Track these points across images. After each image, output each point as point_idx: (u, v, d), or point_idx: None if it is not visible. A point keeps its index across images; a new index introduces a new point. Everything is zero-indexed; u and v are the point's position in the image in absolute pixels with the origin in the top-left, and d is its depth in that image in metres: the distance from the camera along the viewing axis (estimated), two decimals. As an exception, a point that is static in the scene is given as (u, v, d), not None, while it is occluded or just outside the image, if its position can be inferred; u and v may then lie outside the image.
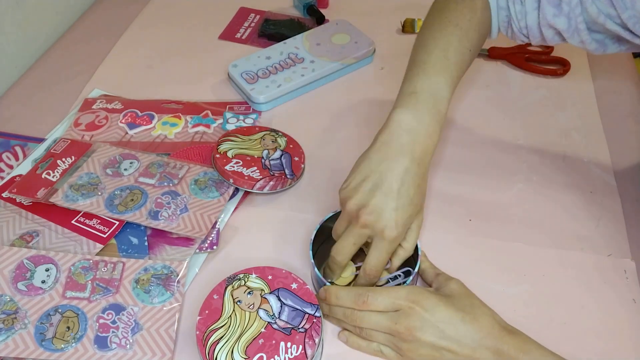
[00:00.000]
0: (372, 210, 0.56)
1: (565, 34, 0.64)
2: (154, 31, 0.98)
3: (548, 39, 0.66)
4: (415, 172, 0.57)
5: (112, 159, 0.73)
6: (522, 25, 0.66)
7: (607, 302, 0.61)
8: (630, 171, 0.74)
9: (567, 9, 0.63)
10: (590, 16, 0.62)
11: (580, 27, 0.63)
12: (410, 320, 0.53)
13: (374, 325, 0.55)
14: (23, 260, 0.62)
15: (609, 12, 0.61)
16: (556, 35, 0.66)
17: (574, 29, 0.64)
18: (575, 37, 0.64)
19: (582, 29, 0.63)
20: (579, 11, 0.62)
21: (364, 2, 1.03)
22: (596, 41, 0.65)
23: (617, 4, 0.60)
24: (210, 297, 0.58)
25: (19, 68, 0.91)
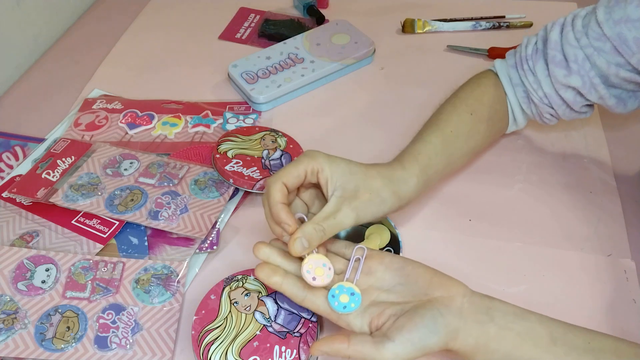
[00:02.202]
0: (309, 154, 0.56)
1: (582, 90, 0.64)
2: (154, 31, 0.98)
3: (570, 101, 0.66)
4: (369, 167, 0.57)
5: (112, 159, 0.73)
6: (541, 95, 0.67)
7: (607, 302, 0.61)
8: (630, 171, 0.74)
9: (575, 67, 0.63)
10: (600, 69, 0.62)
11: (595, 81, 0.63)
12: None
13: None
14: (23, 260, 0.62)
15: (617, 61, 0.61)
16: (577, 96, 0.65)
17: (589, 85, 0.64)
18: (593, 92, 0.64)
19: (597, 83, 0.63)
20: (589, 67, 0.62)
21: (364, 2, 1.03)
22: (615, 97, 0.65)
23: (622, 50, 0.60)
24: (208, 297, 0.58)
25: (19, 68, 0.91)
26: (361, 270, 0.53)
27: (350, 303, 0.51)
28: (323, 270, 0.52)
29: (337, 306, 0.51)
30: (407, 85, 0.86)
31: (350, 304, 0.51)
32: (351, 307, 0.51)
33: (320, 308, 0.52)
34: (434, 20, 0.96)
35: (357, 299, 0.51)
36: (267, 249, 0.54)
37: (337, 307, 0.51)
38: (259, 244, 0.54)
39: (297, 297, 0.53)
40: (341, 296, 0.51)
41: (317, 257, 0.53)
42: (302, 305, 0.53)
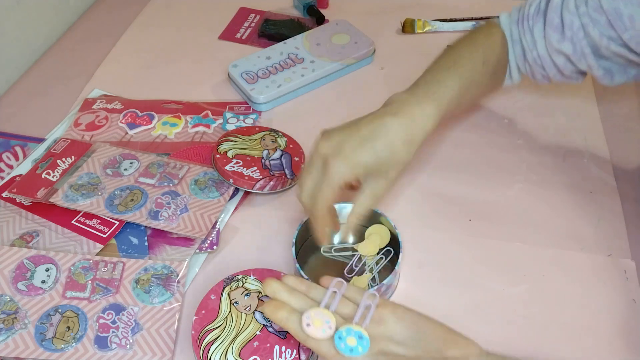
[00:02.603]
0: (329, 141, 0.56)
1: (572, 57, 0.65)
2: (154, 31, 0.98)
3: (561, 66, 0.67)
4: (393, 131, 0.56)
5: (112, 159, 0.73)
6: (535, 55, 0.67)
7: (607, 302, 0.61)
8: (630, 171, 0.74)
9: (569, 33, 0.64)
10: (593, 40, 0.63)
11: (586, 51, 0.64)
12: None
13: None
14: (23, 260, 0.62)
15: (610, 35, 0.62)
16: (567, 62, 0.66)
17: (580, 54, 0.64)
18: (583, 61, 0.65)
19: (587, 53, 0.64)
20: (582, 35, 0.63)
21: (364, 2, 1.03)
22: (603, 68, 0.65)
23: (616, 24, 0.60)
24: (208, 297, 0.58)
25: (19, 68, 0.91)
26: (372, 317, 0.49)
27: (358, 347, 0.47)
28: (321, 323, 0.49)
29: (343, 348, 0.47)
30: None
31: (357, 348, 0.47)
32: (358, 351, 0.47)
33: (323, 349, 0.49)
34: (434, 20, 0.96)
35: (366, 344, 0.48)
36: (275, 285, 0.52)
37: (344, 350, 0.47)
38: (269, 280, 0.52)
39: (299, 335, 0.49)
40: (348, 339, 0.48)
41: (323, 312, 0.50)
42: (305, 345, 0.50)
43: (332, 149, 0.56)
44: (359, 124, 0.57)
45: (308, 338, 0.49)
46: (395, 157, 0.56)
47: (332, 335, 0.48)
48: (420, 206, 0.70)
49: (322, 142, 0.57)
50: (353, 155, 0.55)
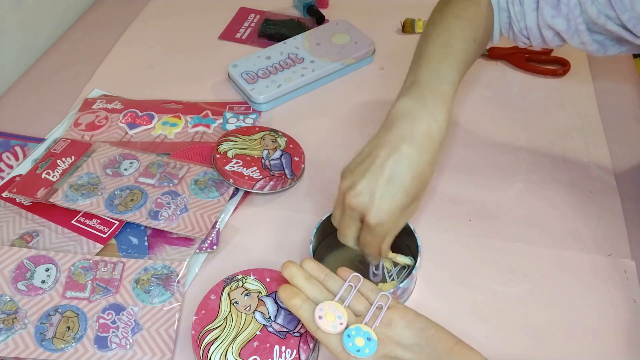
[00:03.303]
0: (358, 193, 0.54)
1: (564, 34, 0.64)
2: (153, 31, 0.98)
3: (548, 40, 0.66)
4: (415, 160, 0.54)
5: (112, 159, 0.73)
6: (522, 27, 0.66)
7: (607, 302, 0.61)
8: (630, 171, 0.74)
9: (565, 10, 0.62)
10: (589, 17, 0.62)
11: (580, 27, 0.63)
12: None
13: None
14: (23, 260, 0.62)
15: (608, 14, 0.61)
16: (556, 37, 0.65)
17: (573, 30, 0.64)
18: (576, 38, 0.64)
19: (582, 29, 0.63)
20: (578, 12, 0.62)
21: (364, 2, 1.03)
22: (597, 42, 0.65)
23: (616, 5, 0.60)
24: (208, 297, 0.58)
25: (19, 68, 0.91)
26: (382, 319, 0.50)
27: (365, 348, 0.48)
28: (333, 318, 0.50)
29: (350, 347, 0.48)
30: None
31: (364, 349, 0.48)
32: (365, 353, 0.48)
33: (331, 344, 0.49)
34: (434, 20, 0.96)
35: (373, 346, 0.48)
36: (294, 270, 0.53)
37: (351, 349, 0.48)
38: (288, 263, 0.53)
39: (310, 326, 0.50)
40: (357, 338, 0.48)
41: (337, 306, 0.50)
42: (314, 336, 0.51)
43: (364, 202, 0.54)
44: (378, 162, 0.55)
45: (318, 330, 0.50)
46: (423, 182, 0.56)
47: (341, 331, 0.49)
48: (420, 206, 0.70)
49: (350, 194, 0.55)
50: (387, 204, 0.54)
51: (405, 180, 0.54)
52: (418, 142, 0.55)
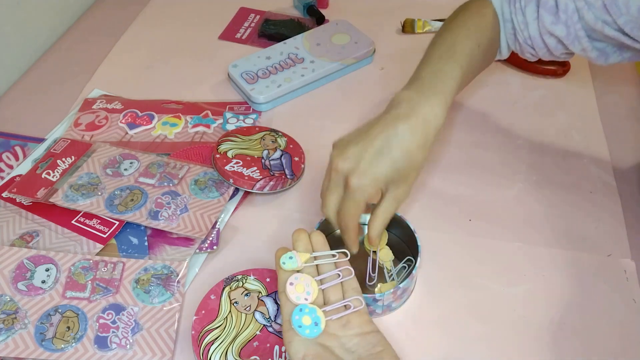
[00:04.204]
0: (345, 157, 0.56)
1: (565, 41, 0.65)
2: (154, 31, 0.98)
3: (552, 47, 0.67)
4: (407, 138, 0.56)
5: (112, 159, 0.73)
6: (526, 36, 0.67)
7: (607, 302, 0.61)
8: (630, 171, 0.74)
9: (564, 17, 0.63)
10: (587, 24, 0.63)
11: (580, 34, 0.64)
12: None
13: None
14: (23, 260, 0.62)
15: (605, 19, 0.61)
16: (559, 44, 0.66)
17: (573, 37, 0.64)
18: (576, 44, 0.65)
19: (581, 36, 0.64)
20: (577, 19, 0.63)
21: (364, 2, 1.03)
22: (597, 50, 0.65)
23: (612, 9, 0.60)
24: (208, 297, 0.58)
25: (19, 68, 0.91)
26: (341, 318, 0.51)
27: (307, 329, 0.49)
28: (302, 289, 0.51)
29: (295, 320, 0.49)
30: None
31: (305, 330, 0.49)
32: (304, 332, 0.49)
33: (284, 310, 0.51)
34: (434, 20, 0.96)
35: (316, 332, 0.49)
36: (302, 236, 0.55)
37: (295, 321, 0.49)
38: (300, 230, 0.55)
39: (280, 286, 0.52)
40: (305, 317, 0.49)
41: (312, 284, 0.51)
42: (278, 296, 0.52)
43: (350, 165, 0.56)
44: (372, 134, 0.56)
45: (283, 293, 0.51)
46: (413, 162, 0.56)
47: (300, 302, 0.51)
48: (420, 206, 0.70)
49: (338, 157, 0.57)
50: (372, 169, 0.55)
51: (394, 154, 0.55)
52: (413, 124, 0.56)
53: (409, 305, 0.61)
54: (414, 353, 0.57)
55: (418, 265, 0.59)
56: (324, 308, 0.51)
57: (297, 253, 0.53)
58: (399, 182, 0.57)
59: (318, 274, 0.53)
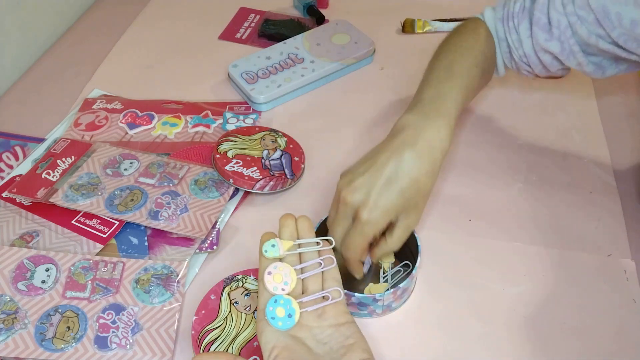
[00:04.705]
0: (355, 189, 0.55)
1: (560, 56, 0.65)
2: (154, 31, 0.98)
3: (547, 64, 0.67)
4: (415, 165, 0.55)
5: (112, 159, 0.73)
6: (521, 54, 0.67)
7: (607, 302, 0.61)
8: (630, 171, 0.74)
9: (557, 32, 0.64)
10: (581, 38, 0.63)
11: (575, 49, 0.64)
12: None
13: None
14: (23, 260, 0.62)
15: (598, 33, 0.62)
16: (554, 60, 0.67)
17: (568, 52, 0.65)
18: (572, 59, 0.65)
19: (576, 50, 0.64)
20: (570, 34, 0.63)
21: (364, 2, 1.03)
22: (593, 64, 0.66)
23: (605, 23, 0.60)
24: (208, 297, 0.58)
25: (19, 68, 0.91)
26: (318, 309, 0.50)
27: (279, 321, 0.48)
28: (280, 280, 0.50)
29: (269, 311, 0.49)
30: (407, 85, 0.86)
31: (278, 321, 0.48)
32: (277, 324, 0.48)
33: (260, 299, 0.50)
34: (434, 20, 0.96)
35: (289, 324, 0.49)
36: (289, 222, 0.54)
37: (268, 313, 0.49)
38: (288, 215, 0.54)
39: (259, 274, 0.51)
40: (279, 308, 0.49)
41: (291, 274, 0.51)
42: (257, 285, 0.51)
43: (359, 198, 0.55)
44: (379, 162, 0.56)
45: (261, 281, 0.51)
46: (422, 190, 0.56)
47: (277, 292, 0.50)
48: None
49: (346, 189, 0.56)
50: (382, 202, 0.55)
51: (404, 182, 0.55)
52: (420, 149, 0.56)
53: (409, 305, 0.61)
54: (413, 353, 0.57)
55: (418, 265, 0.59)
56: (302, 299, 0.50)
57: (280, 241, 0.52)
58: (409, 211, 0.56)
59: (300, 261, 0.53)
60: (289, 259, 0.52)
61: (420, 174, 0.56)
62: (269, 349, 0.47)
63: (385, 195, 0.55)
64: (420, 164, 0.55)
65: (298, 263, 0.52)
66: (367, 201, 0.55)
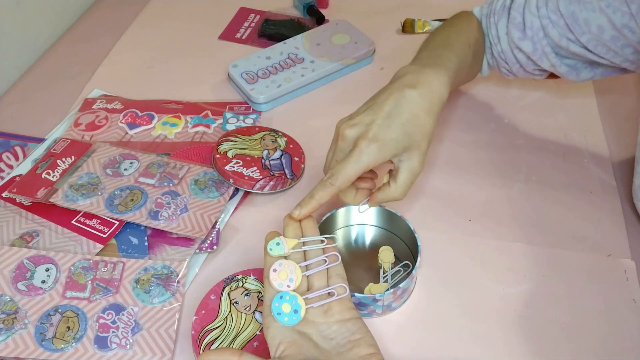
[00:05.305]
0: (354, 123, 0.56)
1: (532, 56, 0.67)
2: (154, 31, 0.98)
3: (523, 63, 0.68)
4: (415, 101, 0.56)
5: (112, 159, 0.73)
6: (499, 50, 0.69)
7: (607, 302, 0.61)
8: (630, 171, 0.74)
9: (530, 33, 0.65)
10: (553, 40, 0.65)
11: (547, 50, 0.66)
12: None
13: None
14: (23, 260, 0.62)
15: (569, 36, 0.64)
16: (529, 60, 0.68)
17: (540, 53, 0.66)
18: (544, 60, 0.67)
19: (548, 52, 0.66)
20: (542, 35, 0.65)
21: (364, 2, 1.03)
22: (567, 66, 0.67)
23: (574, 28, 0.62)
24: (208, 297, 0.58)
25: (19, 68, 0.91)
26: (324, 305, 0.50)
27: (285, 317, 0.49)
28: (286, 277, 0.51)
29: (275, 307, 0.49)
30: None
31: (284, 317, 0.49)
32: (283, 320, 0.49)
33: (266, 295, 0.50)
34: (434, 20, 0.96)
35: (295, 319, 0.49)
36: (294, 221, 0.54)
37: (274, 309, 0.49)
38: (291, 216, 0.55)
39: (265, 271, 0.52)
40: (285, 304, 0.49)
41: (296, 270, 0.51)
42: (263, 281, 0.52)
43: (358, 131, 0.55)
44: (379, 101, 0.57)
45: (266, 278, 0.51)
46: (422, 128, 0.56)
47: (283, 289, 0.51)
48: (420, 206, 0.70)
49: (345, 125, 0.56)
50: (382, 134, 0.55)
51: (403, 117, 0.55)
52: (420, 89, 0.57)
53: (409, 305, 0.61)
54: (413, 353, 0.57)
55: (418, 265, 0.59)
56: (307, 295, 0.50)
57: (285, 239, 0.53)
58: (411, 151, 0.56)
59: (305, 259, 0.53)
60: (293, 257, 0.53)
61: (420, 110, 0.56)
62: (275, 344, 0.48)
63: (385, 128, 0.55)
64: (420, 101, 0.56)
65: (303, 261, 0.53)
66: (367, 133, 0.55)
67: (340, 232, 0.67)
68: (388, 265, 0.62)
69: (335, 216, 0.64)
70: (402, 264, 0.62)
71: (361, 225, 0.67)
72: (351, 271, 0.63)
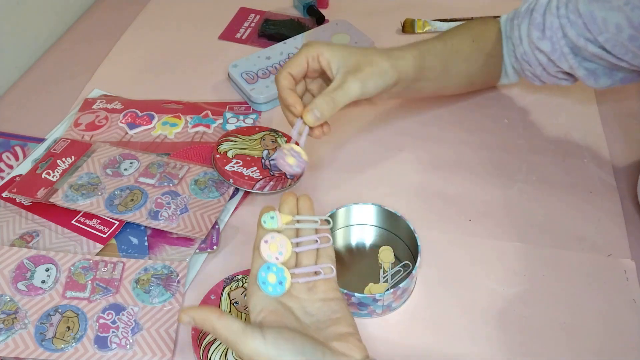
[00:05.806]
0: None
1: (551, 56, 0.67)
2: (154, 31, 0.98)
3: (544, 64, 0.69)
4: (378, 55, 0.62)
5: (112, 159, 0.73)
6: (521, 52, 0.70)
7: (607, 302, 0.61)
8: (630, 171, 0.74)
9: (549, 33, 0.66)
10: (571, 40, 0.65)
11: (565, 50, 0.66)
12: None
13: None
14: (23, 260, 0.62)
15: (587, 36, 0.64)
16: (549, 62, 0.69)
17: (559, 53, 0.67)
18: (563, 61, 0.67)
19: (567, 52, 0.66)
20: (561, 35, 0.65)
21: (364, 2, 1.03)
22: (586, 69, 0.67)
23: (591, 27, 0.62)
24: (208, 297, 0.58)
25: (19, 68, 0.91)
26: (310, 283, 0.51)
27: (270, 286, 0.49)
28: (276, 249, 0.51)
29: (261, 276, 0.49)
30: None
31: (269, 287, 0.49)
32: (267, 289, 0.49)
33: (254, 264, 0.51)
34: (434, 20, 0.96)
35: (279, 290, 0.49)
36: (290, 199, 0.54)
37: (260, 278, 0.49)
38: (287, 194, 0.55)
39: (256, 241, 0.52)
40: (271, 275, 0.49)
41: (287, 245, 0.51)
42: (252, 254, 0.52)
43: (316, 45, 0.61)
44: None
45: (256, 249, 0.51)
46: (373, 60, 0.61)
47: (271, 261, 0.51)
48: (420, 206, 0.70)
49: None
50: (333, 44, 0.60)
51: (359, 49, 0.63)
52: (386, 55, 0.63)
53: (409, 305, 0.61)
54: (413, 353, 0.57)
55: (418, 265, 0.59)
56: (294, 270, 0.51)
57: (280, 214, 0.53)
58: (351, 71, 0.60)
59: (298, 237, 0.53)
60: (286, 233, 0.53)
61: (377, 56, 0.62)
62: (257, 310, 0.48)
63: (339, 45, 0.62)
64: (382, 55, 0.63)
65: (294, 238, 0.53)
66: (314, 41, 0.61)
67: (340, 232, 0.67)
68: (388, 265, 0.62)
69: (335, 216, 0.65)
70: (402, 264, 0.62)
71: (361, 225, 0.67)
72: (351, 271, 0.63)
